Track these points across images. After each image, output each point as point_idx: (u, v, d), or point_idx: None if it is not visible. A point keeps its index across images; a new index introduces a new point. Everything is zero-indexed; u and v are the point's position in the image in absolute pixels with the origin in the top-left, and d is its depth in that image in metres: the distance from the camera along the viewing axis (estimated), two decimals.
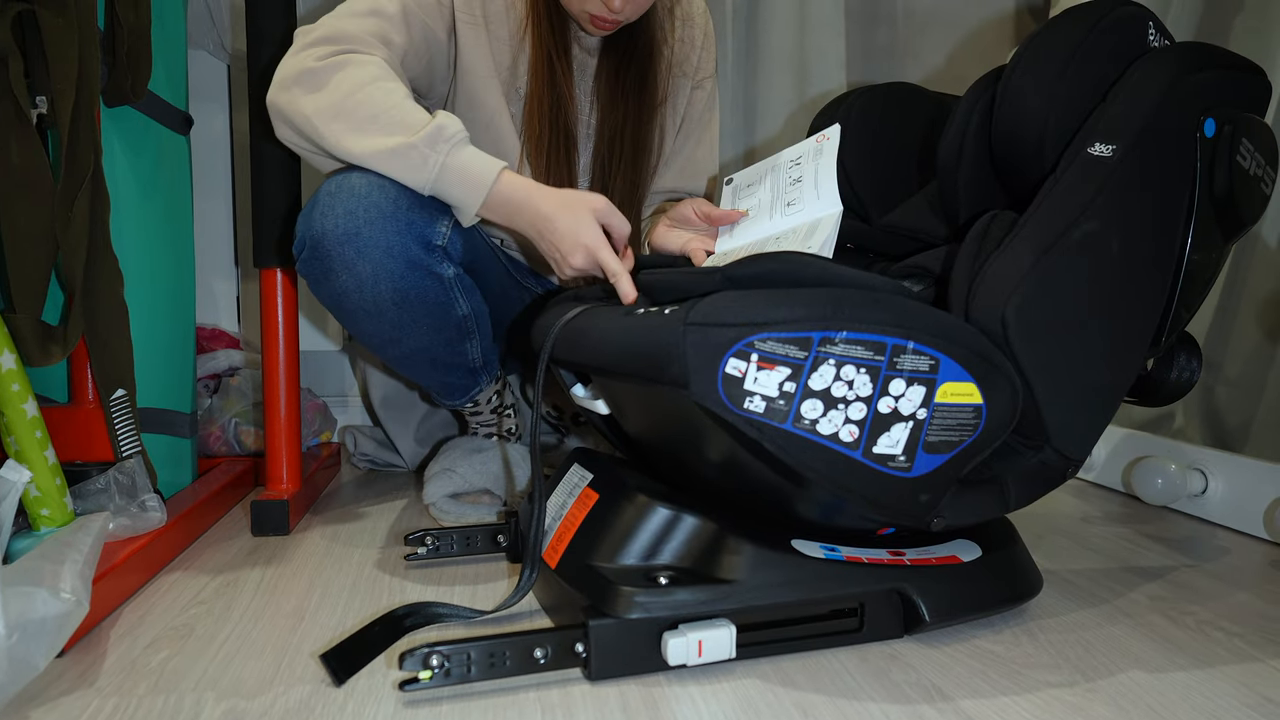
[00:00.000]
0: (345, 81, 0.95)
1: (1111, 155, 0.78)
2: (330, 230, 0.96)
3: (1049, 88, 0.83)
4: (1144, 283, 0.82)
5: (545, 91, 1.13)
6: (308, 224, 0.99)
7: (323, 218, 0.97)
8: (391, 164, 0.94)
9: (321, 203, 0.97)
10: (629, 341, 0.76)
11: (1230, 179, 0.84)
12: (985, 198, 0.93)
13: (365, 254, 0.97)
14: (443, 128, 0.94)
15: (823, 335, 0.71)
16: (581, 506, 0.87)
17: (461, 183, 0.94)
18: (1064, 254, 0.77)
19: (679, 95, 1.26)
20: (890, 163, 1.11)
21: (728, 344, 0.70)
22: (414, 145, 0.92)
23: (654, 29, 1.19)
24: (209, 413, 1.42)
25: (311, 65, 0.96)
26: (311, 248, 0.98)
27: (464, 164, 0.94)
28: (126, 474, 1.02)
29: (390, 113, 0.94)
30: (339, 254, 0.97)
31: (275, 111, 0.99)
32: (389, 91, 0.95)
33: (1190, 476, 1.25)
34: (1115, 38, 0.84)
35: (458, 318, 1.07)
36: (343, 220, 0.96)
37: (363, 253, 0.97)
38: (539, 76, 1.13)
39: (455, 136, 0.93)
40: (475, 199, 0.95)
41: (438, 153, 0.93)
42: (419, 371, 1.14)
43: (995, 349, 0.76)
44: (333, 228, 0.96)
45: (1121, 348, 0.82)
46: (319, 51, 0.98)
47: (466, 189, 0.94)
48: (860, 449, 0.73)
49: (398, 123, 0.94)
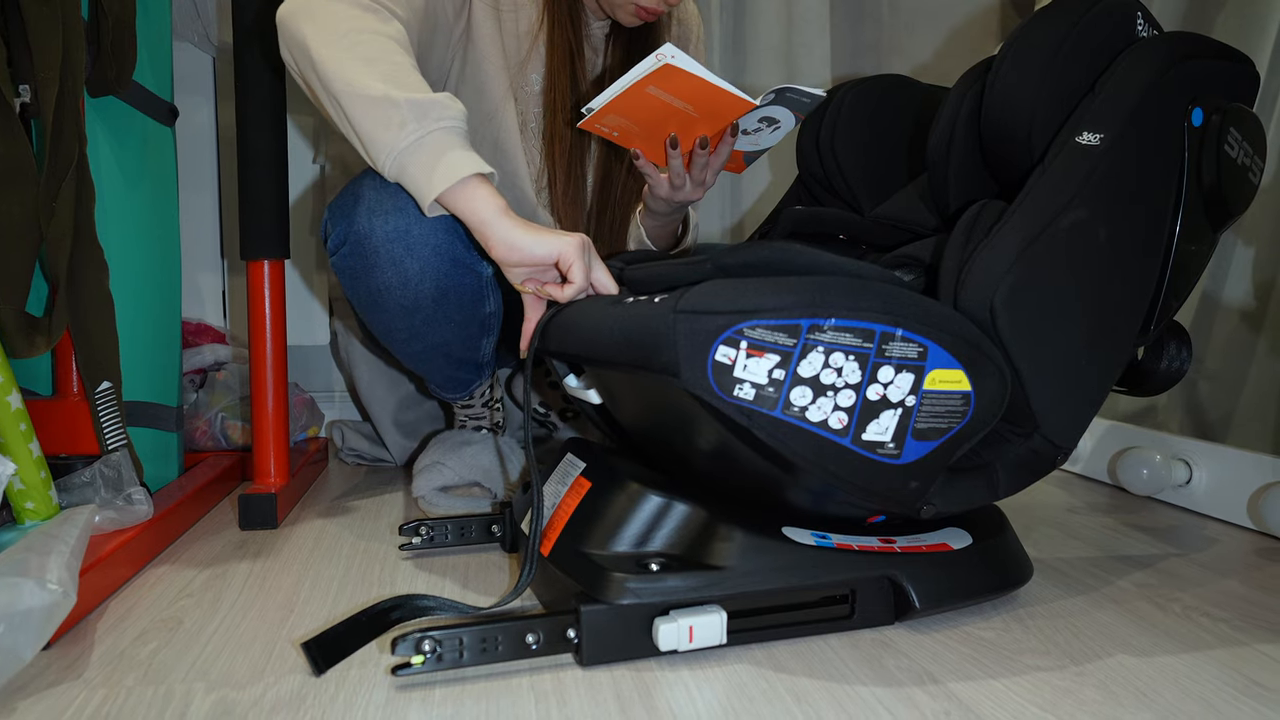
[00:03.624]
0: (358, 20, 0.90)
1: (1099, 144, 0.79)
2: (379, 227, 0.95)
3: (1037, 79, 0.83)
4: (1132, 271, 0.83)
5: (568, 95, 1.15)
6: (350, 220, 0.96)
7: (370, 214, 0.95)
8: (367, 112, 0.85)
9: (367, 198, 0.95)
10: (619, 330, 0.75)
11: (1218, 168, 0.85)
12: (975, 188, 0.94)
13: (414, 251, 0.95)
14: (440, 104, 0.86)
15: (811, 322, 0.71)
16: (574, 495, 0.87)
17: (428, 166, 0.86)
18: (1052, 242, 0.78)
19: None
20: (882, 154, 1.12)
21: (717, 331, 0.70)
22: (398, 104, 0.84)
23: (660, 26, 1.22)
24: (195, 407, 1.41)
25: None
26: (355, 244, 0.96)
27: (441, 149, 0.86)
28: (112, 467, 1.01)
29: (391, 67, 0.88)
30: (387, 251, 0.95)
31: (280, 26, 0.92)
32: (395, 52, 0.90)
33: (1175, 467, 1.26)
34: (1103, 29, 0.84)
35: (484, 314, 1.07)
36: (393, 217, 0.93)
37: (412, 249, 0.95)
38: (561, 79, 1.14)
39: (448, 120, 0.86)
40: (430, 190, 0.86)
41: (421, 126, 0.85)
42: (431, 366, 1.14)
43: (984, 336, 0.76)
44: (381, 224, 0.94)
45: (1110, 336, 0.83)
46: None
47: (428, 175, 0.86)
48: (849, 436, 0.73)
49: (393, 77, 0.87)
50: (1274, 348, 1.31)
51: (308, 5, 0.91)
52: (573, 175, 1.18)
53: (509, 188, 1.19)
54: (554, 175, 1.17)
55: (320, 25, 0.89)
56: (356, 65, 0.86)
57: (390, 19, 0.93)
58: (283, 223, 1.19)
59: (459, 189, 0.85)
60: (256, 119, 1.16)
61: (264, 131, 1.16)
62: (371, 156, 0.88)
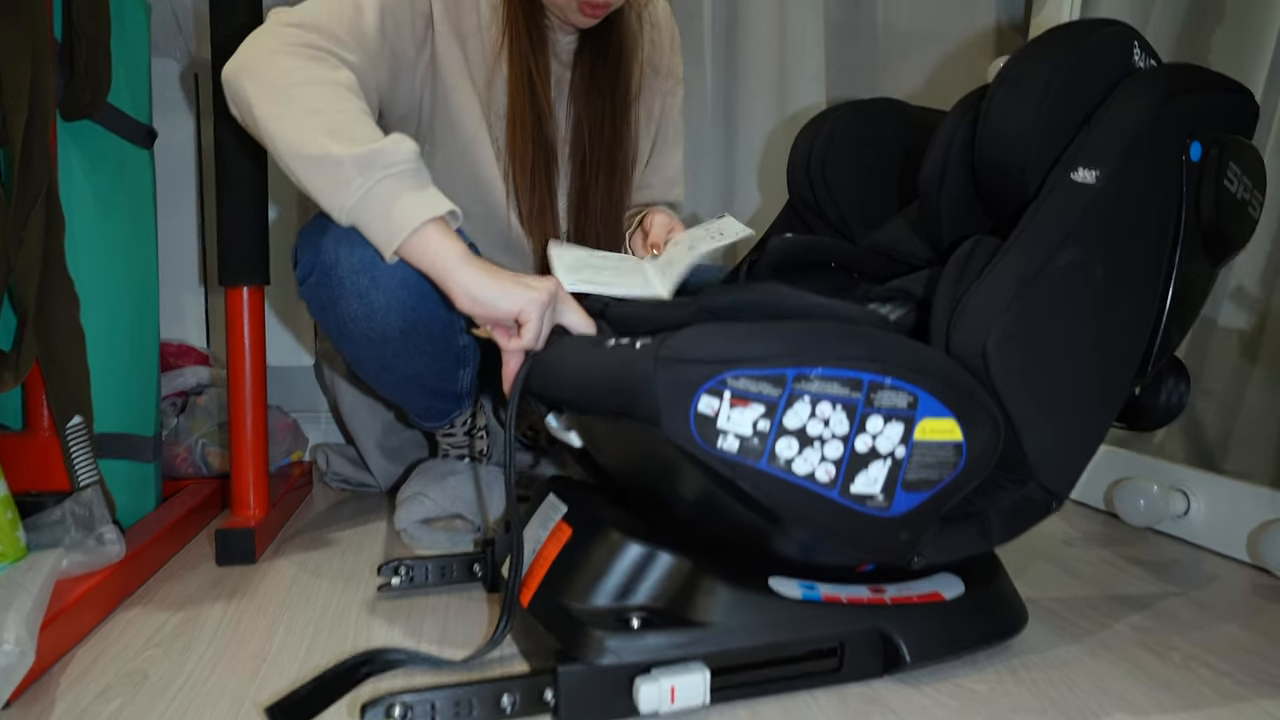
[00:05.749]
0: (301, 72, 0.87)
1: (1095, 181, 0.76)
2: (345, 258, 0.92)
3: (1032, 111, 0.81)
4: (1130, 310, 0.80)
5: (527, 109, 1.11)
6: (316, 249, 0.94)
7: (336, 244, 0.92)
8: (312, 172, 0.82)
9: (334, 227, 0.92)
10: (599, 376, 0.73)
11: (1217, 203, 0.82)
12: (968, 221, 0.91)
13: (380, 283, 0.93)
14: (384, 151, 0.82)
15: (798, 371, 0.68)
16: (555, 541, 0.84)
17: (381, 219, 0.82)
18: (1047, 283, 0.75)
19: (652, 95, 1.26)
20: (874, 180, 1.09)
21: (700, 381, 0.68)
22: (341, 161, 0.81)
23: (625, 29, 1.18)
24: (175, 433, 1.38)
25: (274, 45, 0.89)
26: (322, 274, 0.94)
27: (390, 198, 0.82)
28: (83, 505, 0.98)
29: (336, 117, 0.84)
30: (353, 282, 0.93)
31: (225, 85, 0.90)
32: (343, 99, 0.87)
33: (1172, 498, 1.23)
34: (1099, 60, 0.82)
35: (458, 347, 1.04)
36: (359, 247, 0.90)
37: (378, 282, 0.92)
38: (519, 94, 1.11)
39: (395, 166, 0.82)
40: (386, 245, 0.83)
41: (367, 178, 0.81)
42: (406, 396, 1.11)
43: (976, 383, 0.74)
44: (347, 255, 0.92)
45: (1107, 378, 0.80)
46: (289, 34, 0.90)
47: (382, 228, 0.83)
48: (837, 488, 0.71)
49: (338, 129, 0.83)
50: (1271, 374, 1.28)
51: (250, 61, 0.88)
52: (538, 192, 1.14)
53: (491, 219, 1.16)
54: (519, 195, 1.14)
55: (261, 82, 0.86)
56: (298, 122, 0.84)
57: (338, 66, 0.90)
58: (262, 247, 1.16)
59: (415, 240, 0.82)
60: (236, 140, 1.13)
61: (243, 153, 1.13)
62: (327, 213, 0.85)
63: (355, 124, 0.85)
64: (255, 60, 0.88)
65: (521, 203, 1.14)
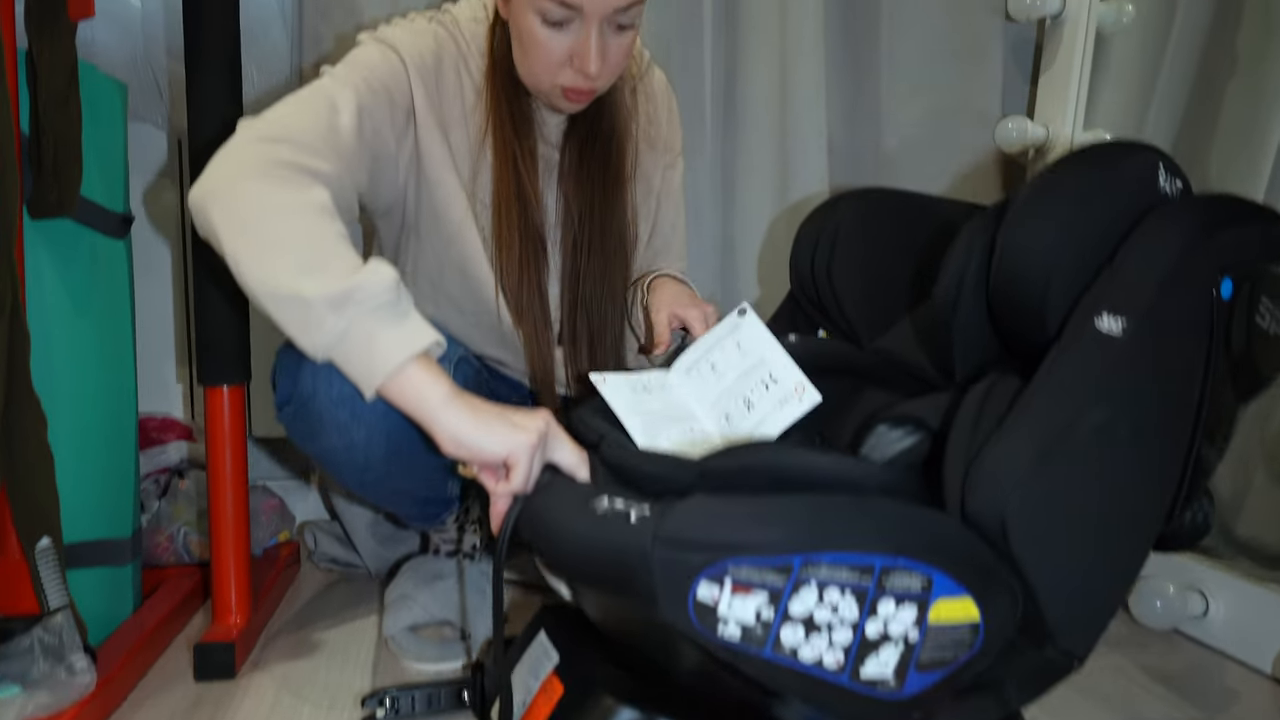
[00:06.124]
0: (270, 198, 0.80)
1: (1120, 333, 0.71)
2: (323, 391, 0.87)
3: (1052, 251, 0.76)
4: (1156, 463, 0.75)
5: (512, 196, 1.05)
6: (295, 378, 0.89)
7: (314, 376, 0.87)
8: (283, 312, 0.77)
9: None
10: (592, 548, 0.68)
11: (1248, 340, 0.78)
12: (981, 346, 0.86)
13: (361, 417, 0.88)
14: (359, 286, 0.75)
15: (804, 559, 0.63)
16: (546, 697, 0.80)
17: (358, 359, 0.77)
18: (1069, 446, 0.70)
19: (650, 171, 1.19)
20: (880, 281, 1.04)
21: (699, 567, 0.63)
22: (311, 302, 0.75)
23: (618, 105, 1.11)
24: (157, 519, 1.33)
25: (241, 166, 0.82)
26: (300, 404, 0.89)
27: (367, 338, 0.76)
28: (53, 633, 0.94)
29: (306, 249, 0.78)
30: (331, 416, 0.88)
31: (193, 211, 0.83)
32: (315, 226, 0.80)
33: (1190, 598, 1.19)
34: (1124, 192, 0.77)
35: (445, 462, 0.99)
36: (338, 380, 0.83)
37: (359, 415, 0.88)
38: (504, 181, 1.05)
39: (370, 301, 0.76)
40: (367, 386, 0.77)
41: (341, 317, 0.75)
42: (395, 506, 1.07)
43: (994, 555, 0.69)
44: (325, 388, 0.87)
45: (1132, 534, 0.76)
46: (257, 153, 0.83)
47: (361, 368, 0.77)
48: (846, 673, 0.66)
49: (308, 263, 0.77)
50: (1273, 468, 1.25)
51: (216, 188, 0.81)
52: (527, 282, 1.07)
53: (481, 312, 1.10)
54: (506, 285, 1.08)
55: (228, 212, 0.79)
56: (266, 258, 0.77)
57: (310, 184, 0.83)
58: (243, 345, 1.12)
59: (395, 381, 0.77)
60: None
61: None
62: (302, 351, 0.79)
63: (328, 255, 0.78)
64: (221, 186, 0.81)
65: (509, 293, 1.08)
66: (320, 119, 0.88)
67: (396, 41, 0.98)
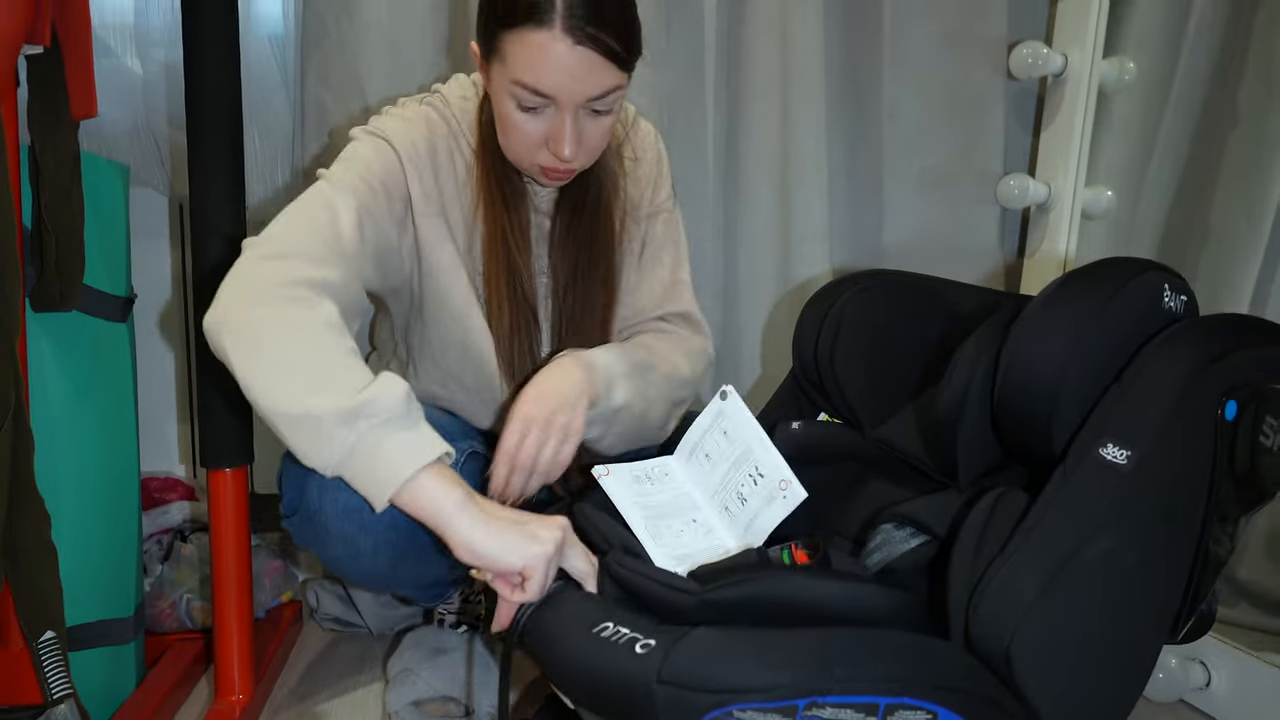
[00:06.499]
0: (278, 320, 0.81)
1: (1125, 462, 0.72)
2: (329, 504, 0.88)
3: (1059, 372, 0.76)
4: (1161, 584, 0.76)
5: (502, 270, 1.05)
6: (300, 490, 0.90)
7: (320, 489, 0.88)
8: (294, 432, 0.77)
9: None
10: (596, 677, 0.69)
11: (1252, 459, 0.78)
12: (986, 454, 0.87)
13: (368, 528, 0.89)
14: (369, 401, 0.76)
15: (809, 701, 0.64)
16: None
17: (368, 472, 0.78)
18: (1075, 576, 0.70)
19: (639, 232, 1.16)
20: (885, 369, 1.04)
21: (705, 709, 0.64)
22: (320, 419, 0.76)
23: (604, 176, 1.09)
24: (159, 585, 1.33)
25: (249, 291, 0.83)
26: (305, 517, 0.90)
27: (376, 450, 0.77)
28: None
29: (315, 368, 0.79)
30: (338, 528, 0.89)
31: (207, 336, 0.83)
32: (323, 344, 0.81)
33: (1191, 670, 1.19)
34: (1130, 313, 0.77)
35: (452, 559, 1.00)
36: (344, 493, 0.83)
37: (365, 527, 0.89)
38: (495, 254, 1.04)
39: (380, 414, 0.77)
40: (378, 499, 0.78)
41: (351, 431, 0.76)
42: (402, 592, 1.08)
43: (1000, 686, 0.69)
44: (331, 501, 0.87)
45: (1136, 655, 0.76)
46: (263, 273, 0.84)
47: (371, 482, 0.78)
48: None
49: (317, 382, 0.78)
50: None
51: (226, 315, 0.81)
52: (519, 351, 1.07)
53: (485, 389, 1.10)
54: (500, 355, 1.07)
55: (238, 338, 0.80)
56: (276, 380, 0.78)
57: (318, 300, 0.83)
58: (245, 427, 1.12)
59: (407, 491, 0.77)
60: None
61: None
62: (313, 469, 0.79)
63: (337, 372, 0.79)
64: (231, 313, 0.82)
65: (503, 363, 1.08)
66: (321, 227, 0.89)
67: (389, 133, 0.99)
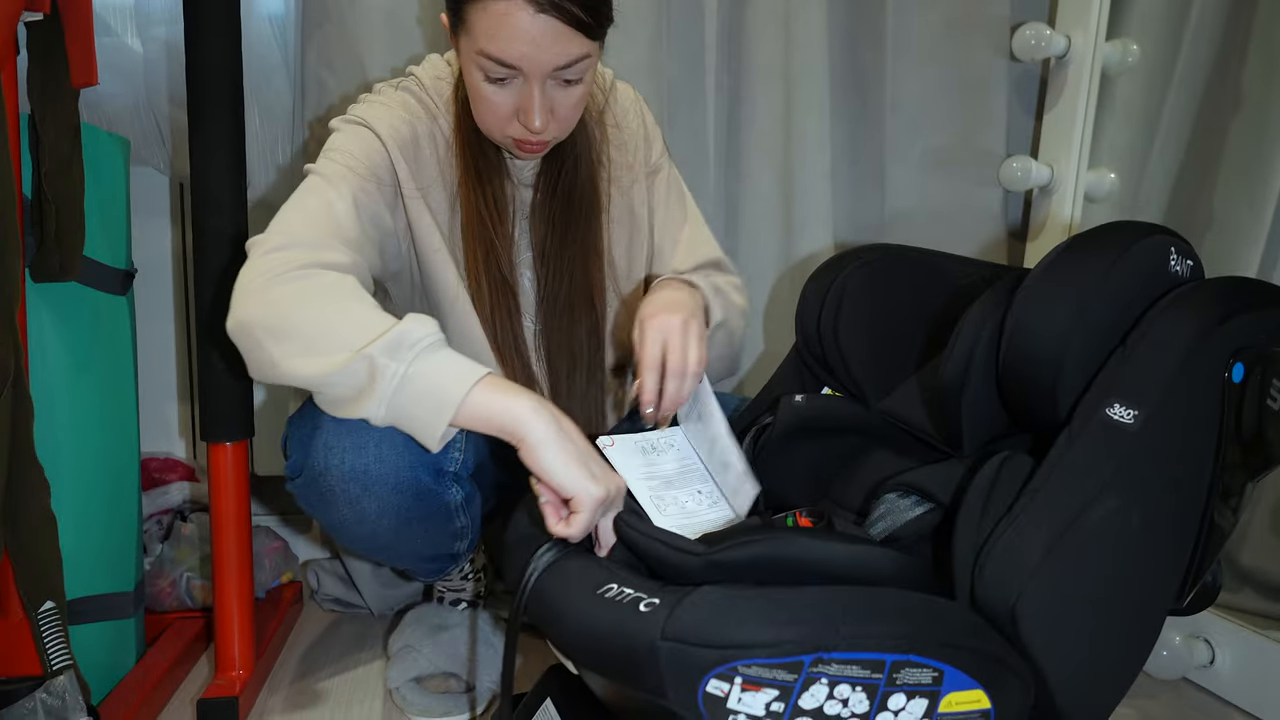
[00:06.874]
0: (296, 296, 0.82)
1: (1132, 422, 0.71)
2: (334, 466, 0.87)
3: (1066, 326, 0.75)
4: (1166, 549, 0.75)
5: (479, 246, 1.04)
6: (306, 452, 0.89)
7: (326, 451, 0.87)
8: (340, 388, 0.78)
9: (325, 431, 0.87)
10: (600, 637, 0.68)
11: (1259, 422, 0.77)
12: (990, 422, 0.86)
13: (372, 490, 0.88)
14: (407, 332, 0.78)
15: (814, 657, 0.63)
16: None
17: (429, 395, 0.77)
18: (1080, 537, 0.70)
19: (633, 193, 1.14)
20: (887, 340, 1.03)
21: (709, 665, 0.63)
22: (363, 356, 0.77)
23: (583, 142, 1.08)
24: (159, 564, 1.33)
25: (261, 282, 0.84)
26: (310, 479, 0.90)
27: (434, 371, 0.78)
28: (55, 695, 0.94)
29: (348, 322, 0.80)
30: (343, 490, 0.88)
31: (234, 339, 0.85)
32: (344, 299, 0.82)
33: (1195, 647, 1.19)
34: (1136, 276, 0.76)
35: (455, 528, 0.99)
36: (350, 455, 0.86)
37: (369, 489, 0.88)
38: (470, 228, 1.04)
39: (425, 340, 0.78)
40: (441, 414, 0.77)
41: (397, 360, 0.77)
42: (401, 564, 1.08)
43: (1006, 645, 0.69)
44: (339, 463, 0.87)
45: (1141, 619, 0.75)
46: (270, 264, 0.84)
47: (432, 404, 0.78)
48: None
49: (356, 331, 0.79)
50: None
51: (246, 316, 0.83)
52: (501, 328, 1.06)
53: None
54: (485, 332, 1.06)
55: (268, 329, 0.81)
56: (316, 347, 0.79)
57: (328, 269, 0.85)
58: (246, 401, 1.11)
59: (473, 399, 0.77)
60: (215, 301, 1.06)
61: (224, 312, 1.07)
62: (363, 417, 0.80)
63: (368, 316, 0.81)
64: (251, 309, 0.83)
65: (491, 341, 1.07)
66: (320, 217, 0.90)
67: (371, 119, 0.99)
